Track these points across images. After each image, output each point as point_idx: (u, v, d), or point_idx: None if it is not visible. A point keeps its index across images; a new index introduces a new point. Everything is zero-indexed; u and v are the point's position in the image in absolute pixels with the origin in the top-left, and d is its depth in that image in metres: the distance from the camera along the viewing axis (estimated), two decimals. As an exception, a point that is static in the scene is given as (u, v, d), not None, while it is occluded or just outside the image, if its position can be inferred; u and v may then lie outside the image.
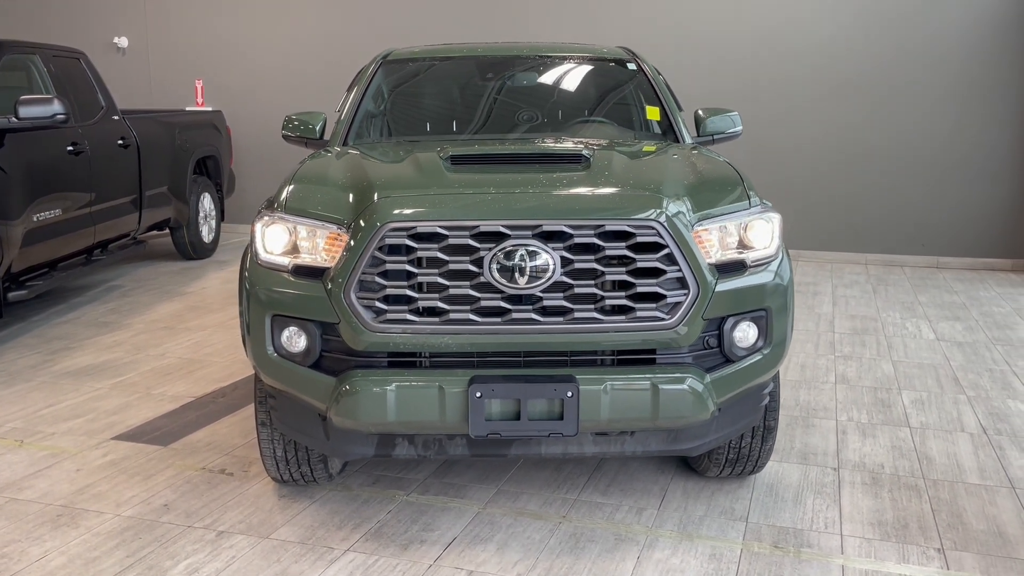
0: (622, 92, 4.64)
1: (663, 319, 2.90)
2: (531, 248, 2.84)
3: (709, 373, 3.00)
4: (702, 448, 3.24)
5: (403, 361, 2.99)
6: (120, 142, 7.14)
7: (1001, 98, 8.21)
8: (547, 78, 4.75)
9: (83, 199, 6.51)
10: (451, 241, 2.87)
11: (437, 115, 4.61)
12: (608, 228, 2.87)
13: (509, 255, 2.84)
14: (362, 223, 2.91)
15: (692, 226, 2.96)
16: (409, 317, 2.88)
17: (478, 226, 2.86)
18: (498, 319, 2.89)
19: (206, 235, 8.83)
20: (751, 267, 3.10)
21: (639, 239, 2.88)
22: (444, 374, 2.90)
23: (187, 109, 9.84)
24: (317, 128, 4.38)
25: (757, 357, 3.11)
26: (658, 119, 4.37)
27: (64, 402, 4.74)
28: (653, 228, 2.88)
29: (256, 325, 3.10)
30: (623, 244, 2.88)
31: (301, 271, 3.04)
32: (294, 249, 3.08)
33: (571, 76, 4.76)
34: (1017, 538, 3.26)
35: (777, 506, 3.52)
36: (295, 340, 3.04)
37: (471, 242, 2.86)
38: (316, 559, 3.13)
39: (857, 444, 4.13)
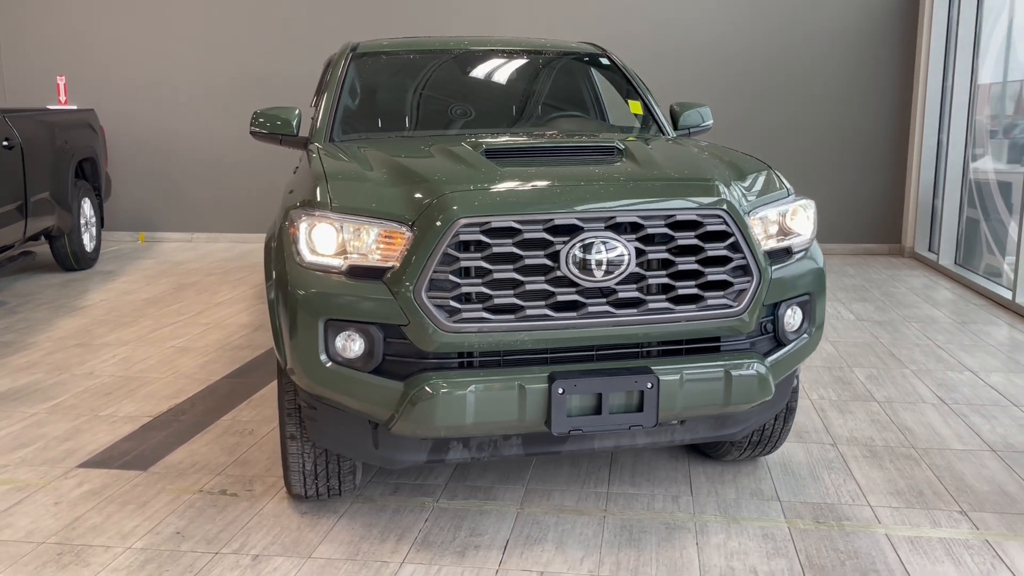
0: (600, 86, 4.66)
1: (731, 307, 2.94)
2: (605, 239, 2.80)
3: (766, 357, 3.07)
4: (743, 432, 3.31)
5: (471, 361, 2.88)
6: (5, 143, 6.48)
7: (875, 97, 8.85)
8: (527, 72, 4.70)
9: (-29, 206, 5.88)
10: (525, 235, 2.79)
11: (422, 109, 4.46)
12: (679, 217, 2.87)
13: (586, 248, 2.79)
14: (431, 219, 2.77)
15: (749, 214, 3.02)
16: (484, 315, 2.78)
17: (552, 219, 2.79)
18: (573, 313, 2.83)
19: (88, 243, 8.17)
20: (795, 253, 3.19)
21: (708, 227, 2.90)
22: (523, 372, 2.81)
23: (50, 108, 9.06)
24: (294, 124, 4.13)
25: (805, 339, 3.21)
26: (640, 112, 4.42)
27: (0, 431, 4.27)
28: (720, 216, 2.91)
29: (305, 332, 2.88)
30: (692, 233, 2.90)
31: (358, 272, 2.86)
32: (343, 249, 2.89)
33: (552, 71, 4.73)
34: (1022, 496, 3.53)
35: (799, 484, 3.65)
36: (353, 345, 2.86)
37: (546, 236, 2.79)
38: (373, 575, 2.97)
39: (840, 420, 4.34)
